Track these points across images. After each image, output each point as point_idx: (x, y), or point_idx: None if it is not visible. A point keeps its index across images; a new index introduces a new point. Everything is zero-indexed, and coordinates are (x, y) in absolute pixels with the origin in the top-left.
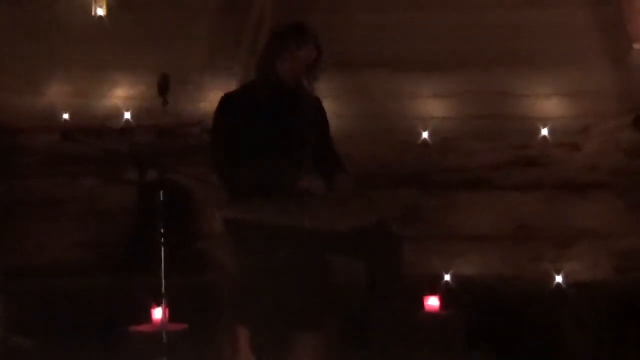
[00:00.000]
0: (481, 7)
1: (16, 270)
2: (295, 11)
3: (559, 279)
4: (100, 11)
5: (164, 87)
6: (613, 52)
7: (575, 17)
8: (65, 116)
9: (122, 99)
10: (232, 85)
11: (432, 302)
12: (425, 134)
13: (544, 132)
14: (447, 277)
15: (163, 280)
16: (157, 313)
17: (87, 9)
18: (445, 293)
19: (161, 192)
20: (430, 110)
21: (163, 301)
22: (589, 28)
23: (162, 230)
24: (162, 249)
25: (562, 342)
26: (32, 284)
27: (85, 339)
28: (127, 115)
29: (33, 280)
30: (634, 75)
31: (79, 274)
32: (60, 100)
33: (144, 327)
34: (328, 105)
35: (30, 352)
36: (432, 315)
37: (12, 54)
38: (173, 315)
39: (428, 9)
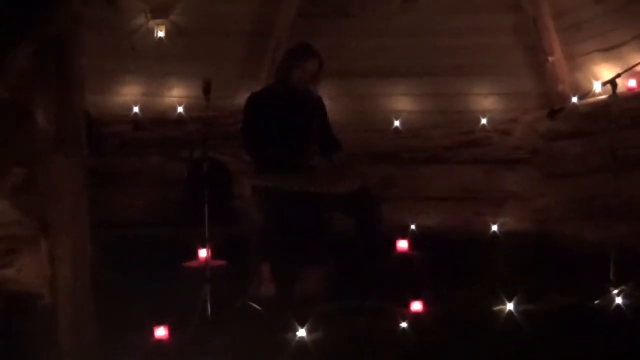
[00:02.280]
0: (439, 33)
1: (103, 223)
2: (304, 36)
3: (494, 228)
4: (161, 34)
5: (207, 89)
6: (533, 64)
7: (505, 39)
8: (136, 110)
9: (177, 97)
10: (257, 88)
11: (403, 245)
12: (397, 123)
13: (483, 121)
14: (413, 227)
15: (207, 230)
16: (203, 253)
17: (152, 33)
18: (412, 238)
19: (205, 166)
20: (401, 106)
21: (207, 245)
22: (516, 47)
23: (206, 194)
24: (206, 207)
25: (496, 272)
26: (115, 234)
27: (153, 273)
28: (180, 109)
29: (116, 231)
30: (548, 80)
31: (148, 226)
32: (132, 99)
33: (193, 264)
34: (327, 103)
35: (115, 283)
36: (403, 254)
37: (99, 67)
38: (214, 254)
39: (401, 35)
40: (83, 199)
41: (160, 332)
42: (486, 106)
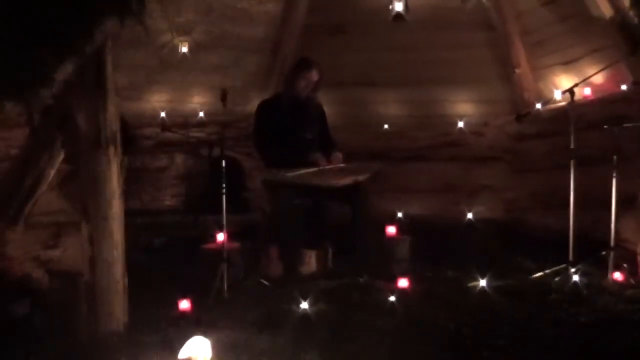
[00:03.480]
0: (423, 47)
1: (136, 211)
2: (307, 51)
3: (470, 216)
4: (185, 50)
5: (224, 97)
6: (503, 75)
7: (480, 53)
8: (163, 115)
9: (198, 104)
10: (266, 96)
11: (391, 230)
12: (386, 126)
13: (460, 124)
14: (400, 215)
15: (224, 216)
16: (220, 237)
17: (176, 49)
18: (399, 224)
19: (223, 162)
20: (390, 112)
21: (224, 229)
22: (488, 60)
23: (224, 186)
24: (224, 197)
25: (471, 254)
26: (146, 220)
27: (177, 252)
28: (202, 114)
29: (146, 218)
30: (516, 89)
31: (174, 213)
32: (160, 105)
33: (212, 245)
34: (326, 109)
35: (145, 262)
36: (391, 238)
37: (132, 78)
38: (230, 238)
39: (391, 50)
40: (118, 191)
41: (184, 304)
42: (463, 111)
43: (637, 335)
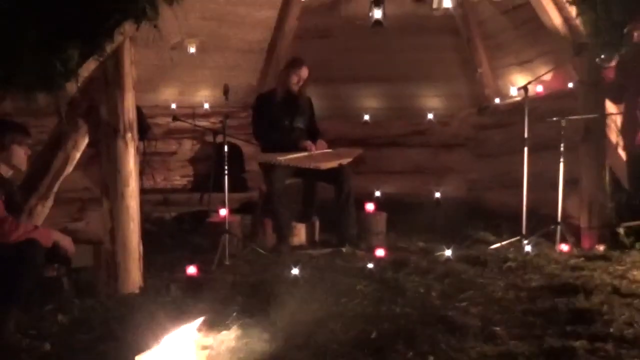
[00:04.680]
0: (398, 49)
1: (151, 189)
2: (298, 52)
3: (437, 194)
4: (192, 50)
5: (226, 91)
6: (467, 74)
7: (447, 55)
8: (174, 106)
9: (204, 96)
10: (263, 90)
11: (369, 206)
12: (366, 117)
13: (430, 116)
14: (377, 193)
15: (226, 194)
16: (223, 211)
17: (186, 49)
18: (376, 202)
19: (225, 147)
20: (369, 104)
21: (226, 205)
22: (454, 61)
23: (226, 168)
24: (226, 178)
25: (438, 227)
26: (158, 197)
27: (185, 225)
28: (206, 106)
29: (159, 195)
30: (478, 86)
31: (183, 192)
32: (171, 98)
33: (216, 219)
34: (314, 102)
35: (158, 233)
36: (369, 213)
37: (147, 74)
38: (231, 212)
39: (370, 51)
40: (134, 171)
41: (191, 269)
42: (432, 105)
43: (580, 296)
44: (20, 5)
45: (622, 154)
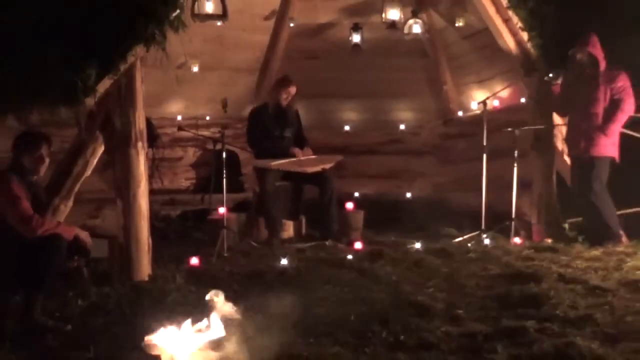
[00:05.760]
0: (375, 69)
1: (159, 190)
2: (288, 71)
3: (408, 195)
4: (195, 69)
5: (224, 105)
6: (434, 90)
7: (417, 75)
8: (179, 118)
9: (206, 109)
10: (257, 104)
11: (349, 205)
12: (347, 128)
13: (402, 127)
14: (356, 194)
15: (225, 195)
16: (222, 210)
17: (189, 68)
18: (355, 201)
19: (224, 154)
20: (349, 117)
21: (224, 204)
22: (423, 79)
23: (224, 172)
24: (224, 180)
25: (409, 224)
26: (165, 198)
27: (189, 222)
28: (208, 117)
29: (166, 196)
30: (443, 101)
31: (186, 193)
32: (176, 110)
33: (215, 216)
34: (302, 114)
35: (165, 229)
36: (349, 211)
37: (156, 90)
38: (229, 211)
39: (351, 70)
40: (144, 175)
41: (194, 261)
42: (403, 117)
43: (532, 283)
44: (47, 30)
45: (567, 159)
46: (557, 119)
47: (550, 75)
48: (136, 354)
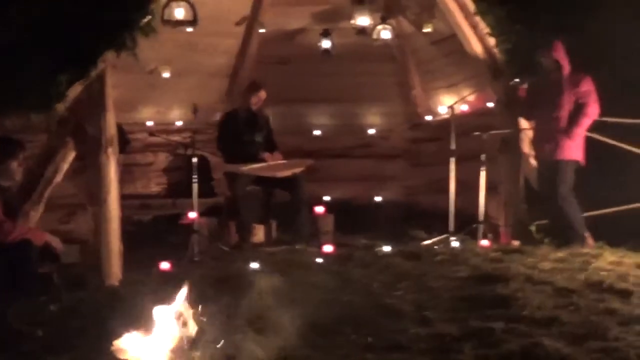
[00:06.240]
0: (345, 74)
1: (129, 195)
2: (259, 76)
3: (378, 199)
4: (166, 75)
5: (195, 111)
6: (403, 95)
7: (386, 79)
8: (150, 123)
9: (177, 115)
10: (227, 109)
11: (319, 209)
12: (317, 132)
13: (372, 131)
14: (327, 198)
15: (195, 199)
16: (192, 214)
17: (160, 73)
18: (325, 205)
19: (194, 159)
20: (320, 121)
21: (195, 209)
22: (393, 84)
23: (195, 177)
24: (195, 185)
25: (379, 227)
26: (136, 203)
27: (160, 226)
28: (179, 123)
29: (137, 201)
30: (412, 105)
31: (157, 198)
32: (148, 116)
33: (186, 221)
34: (272, 119)
35: (136, 233)
36: (319, 215)
37: (127, 95)
38: (199, 215)
39: (321, 75)
40: (115, 180)
41: (165, 265)
42: (373, 121)
43: (499, 284)
44: (18, 37)
45: (534, 162)
46: (524, 123)
47: (516, 80)
48: (105, 358)
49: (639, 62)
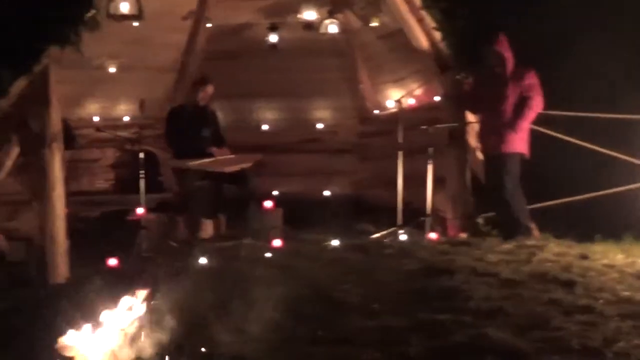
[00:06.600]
0: (293, 69)
1: (76, 192)
2: (207, 71)
3: (327, 193)
4: (113, 70)
5: (142, 106)
6: (351, 89)
7: (334, 74)
8: (97, 119)
9: (124, 110)
10: (175, 105)
11: (268, 203)
12: (265, 127)
13: (320, 126)
14: (275, 193)
15: (143, 195)
16: (140, 210)
17: (107, 68)
18: (274, 200)
19: (141, 154)
20: (268, 116)
21: (143, 205)
22: (341, 78)
23: (142, 172)
24: (142, 181)
25: (327, 221)
26: (85, 198)
27: (108, 223)
28: (126, 118)
29: (83, 198)
30: (360, 100)
31: (105, 194)
32: (94, 111)
33: (134, 217)
34: (219, 114)
35: (83, 230)
36: (268, 210)
37: (73, 90)
38: (148, 211)
39: (269, 70)
40: (60, 177)
41: (112, 261)
42: (321, 116)
43: (446, 277)
44: None
45: (481, 155)
46: (470, 116)
47: (462, 74)
48: (50, 355)
49: (582, 56)
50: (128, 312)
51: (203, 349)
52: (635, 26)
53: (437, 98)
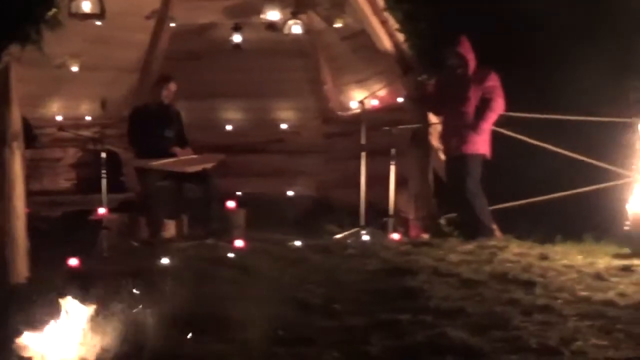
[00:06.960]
0: (256, 69)
1: (38, 192)
2: (170, 70)
3: (291, 193)
4: (75, 69)
5: (104, 105)
6: (315, 90)
7: (298, 75)
8: (59, 118)
9: (86, 109)
10: (138, 103)
11: (231, 203)
12: (229, 127)
13: (284, 126)
14: (239, 193)
15: (105, 196)
16: (102, 210)
17: (69, 67)
18: (237, 200)
19: (103, 154)
20: (232, 116)
21: (105, 205)
22: (304, 79)
23: (104, 172)
24: (104, 180)
25: (291, 221)
26: (45, 199)
27: (69, 222)
28: (88, 117)
29: (45, 197)
30: (324, 100)
31: (67, 194)
32: (57, 111)
33: (95, 217)
34: (183, 114)
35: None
36: (231, 210)
37: (35, 89)
38: (109, 211)
39: (233, 70)
40: (21, 176)
41: (73, 262)
42: (286, 117)
43: (408, 277)
44: None
45: (443, 156)
46: (432, 117)
47: (424, 75)
48: (9, 355)
49: (544, 58)
50: (86, 312)
51: (160, 351)
52: (596, 25)
53: (400, 99)
